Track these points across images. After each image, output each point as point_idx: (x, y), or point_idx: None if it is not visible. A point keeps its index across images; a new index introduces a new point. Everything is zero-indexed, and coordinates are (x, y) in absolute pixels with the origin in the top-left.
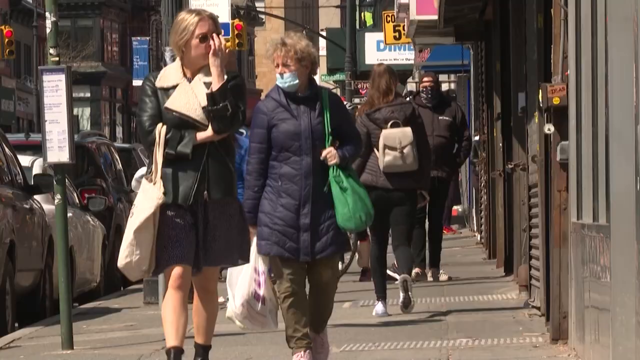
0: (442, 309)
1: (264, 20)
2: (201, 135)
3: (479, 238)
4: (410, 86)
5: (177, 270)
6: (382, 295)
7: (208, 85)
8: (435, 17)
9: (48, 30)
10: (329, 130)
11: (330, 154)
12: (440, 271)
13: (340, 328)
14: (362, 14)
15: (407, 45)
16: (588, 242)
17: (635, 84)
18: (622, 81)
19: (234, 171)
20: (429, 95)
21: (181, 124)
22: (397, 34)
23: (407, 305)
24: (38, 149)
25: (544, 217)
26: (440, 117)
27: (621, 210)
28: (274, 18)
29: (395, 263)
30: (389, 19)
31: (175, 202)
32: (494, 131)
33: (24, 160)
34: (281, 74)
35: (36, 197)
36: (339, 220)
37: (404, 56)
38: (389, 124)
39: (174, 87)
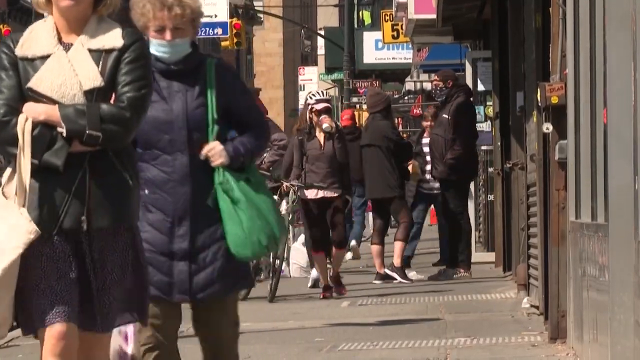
0: (441, 308)
1: (262, 19)
2: (80, 146)
3: (477, 237)
4: (409, 85)
5: (55, 330)
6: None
7: (97, 54)
8: (434, 16)
9: None
10: (214, 117)
11: (213, 150)
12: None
13: (339, 327)
14: (361, 12)
15: (405, 44)
16: (586, 241)
17: (634, 83)
18: (620, 80)
19: (132, 185)
20: (434, 94)
21: None
22: (395, 33)
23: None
24: None
25: (543, 216)
26: (442, 115)
27: (619, 209)
28: (272, 17)
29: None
30: (387, 17)
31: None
32: (493, 130)
33: None
34: (169, 42)
35: None
36: (230, 245)
37: (402, 55)
38: None
39: (45, 57)
